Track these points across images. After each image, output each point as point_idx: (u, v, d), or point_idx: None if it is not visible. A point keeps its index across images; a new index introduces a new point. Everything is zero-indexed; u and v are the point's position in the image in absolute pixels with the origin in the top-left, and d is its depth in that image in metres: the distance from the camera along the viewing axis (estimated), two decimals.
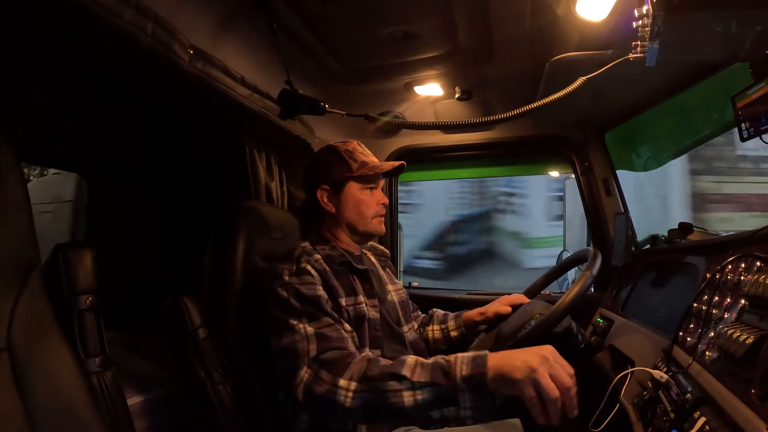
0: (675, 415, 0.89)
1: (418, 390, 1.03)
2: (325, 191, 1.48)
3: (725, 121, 2.02)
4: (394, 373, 1.06)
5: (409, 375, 1.04)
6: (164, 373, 1.76)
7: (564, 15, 1.43)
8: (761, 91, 1.10)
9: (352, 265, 1.42)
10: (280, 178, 2.20)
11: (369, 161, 1.49)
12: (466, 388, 0.99)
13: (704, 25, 1.05)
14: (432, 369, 1.04)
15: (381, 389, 1.05)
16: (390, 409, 1.04)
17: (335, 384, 1.08)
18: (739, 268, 1.03)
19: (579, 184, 2.37)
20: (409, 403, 1.03)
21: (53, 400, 0.92)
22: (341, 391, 1.07)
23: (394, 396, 1.04)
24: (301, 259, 1.32)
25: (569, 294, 1.30)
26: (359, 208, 1.47)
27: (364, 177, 1.47)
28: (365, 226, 1.49)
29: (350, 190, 1.47)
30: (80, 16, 1.05)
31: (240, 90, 1.60)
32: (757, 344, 0.78)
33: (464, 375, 1.00)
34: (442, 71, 1.91)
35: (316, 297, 1.26)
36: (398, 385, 1.04)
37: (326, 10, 1.49)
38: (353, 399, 1.06)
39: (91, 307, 1.23)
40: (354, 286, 1.40)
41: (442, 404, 1.02)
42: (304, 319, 1.22)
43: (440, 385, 1.02)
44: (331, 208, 1.48)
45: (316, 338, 1.18)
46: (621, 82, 1.78)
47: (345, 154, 1.48)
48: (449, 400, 1.01)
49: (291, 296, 1.25)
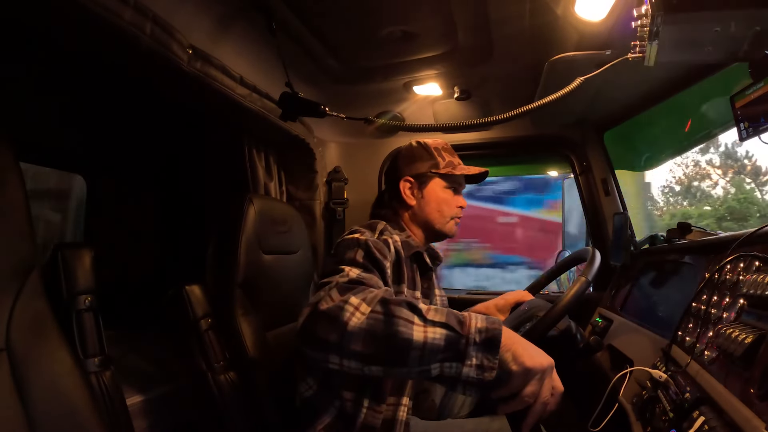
0: (674, 415, 0.90)
1: (429, 328, 0.92)
2: (408, 182, 1.48)
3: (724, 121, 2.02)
4: (410, 303, 0.96)
5: (425, 312, 0.95)
6: (164, 373, 1.76)
7: (563, 15, 1.43)
8: (760, 91, 1.10)
9: (422, 260, 1.41)
10: (279, 177, 2.20)
11: (456, 162, 1.50)
12: (479, 342, 0.92)
13: (703, 25, 1.05)
14: (447, 314, 0.96)
15: (393, 314, 0.93)
16: (394, 338, 0.91)
17: (345, 300, 0.95)
18: (737, 268, 1.03)
19: (578, 184, 2.37)
20: (417, 337, 0.91)
21: (52, 401, 0.92)
22: (349, 307, 0.93)
23: (404, 325, 0.91)
24: (384, 232, 1.30)
25: (564, 299, 1.31)
26: (441, 206, 1.47)
27: (449, 176, 1.47)
28: (443, 225, 1.48)
29: (434, 187, 1.47)
30: (79, 16, 1.05)
31: (239, 90, 1.60)
32: (756, 344, 0.78)
33: (479, 327, 0.93)
34: (441, 71, 1.91)
35: (382, 263, 1.17)
36: (412, 316, 0.93)
37: (325, 9, 1.49)
38: (359, 318, 0.92)
39: (90, 307, 1.23)
40: (415, 280, 1.39)
41: (448, 354, 0.92)
42: (355, 270, 1.10)
43: (453, 331, 0.93)
44: (412, 201, 1.47)
45: (356, 280, 1.06)
46: (620, 81, 1.78)
47: (434, 150, 1.49)
48: (456, 351, 0.92)
49: (360, 250, 1.16)
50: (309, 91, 1.88)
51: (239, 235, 1.50)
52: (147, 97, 1.75)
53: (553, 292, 2.41)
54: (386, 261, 1.19)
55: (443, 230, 1.49)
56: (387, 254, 1.22)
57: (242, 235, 1.51)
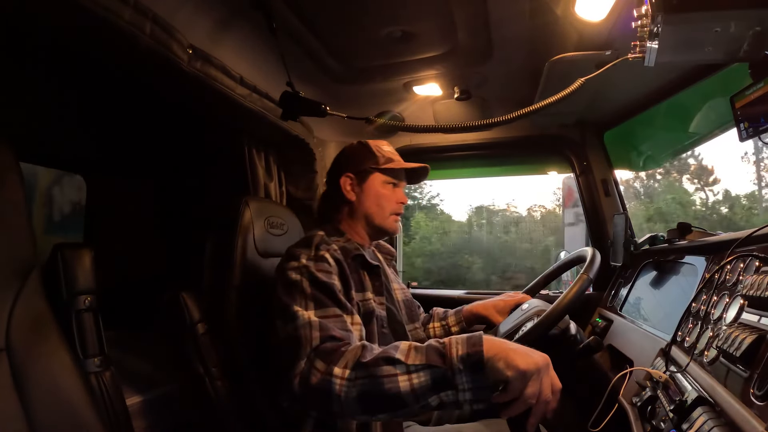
0: (674, 415, 0.89)
1: (413, 373, 0.99)
2: (348, 179, 1.49)
3: (724, 121, 2.02)
4: (388, 357, 1.01)
5: (404, 358, 1.00)
6: (163, 373, 1.76)
7: (563, 15, 1.43)
8: (760, 92, 1.10)
9: (364, 260, 1.41)
10: (278, 177, 2.20)
11: (395, 158, 1.51)
12: (464, 369, 0.96)
13: (703, 26, 1.05)
14: (427, 351, 1.01)
15: (375, 375, 1.00)
16: (385, 396, 0.99)
17: (330, 373, 1.02)
18: (737, 268, 1.03)
19: (578, 184, 2.37)
20: (405, 388, 0.98)
21: (52, 400, 0.92)
22: (336, 380, 1.01)
23: (389, 381, 0.98)
24: (320, 246, 1.30)
25: (566, 297, 1.31)
26: (380, 201, 1.48)
27: (389, 170, 1.48)
28: (382, 220, 1.49)
29: (373, 182, 1.48)
30: (79, 15, 1.05)
31: (239, 90, 1.60)
32: (756, 344, 0.79)
33: (461, 354, 0.97)
34: (441, 71, 1.91)
35: (330, 285, 1.22)
36: (393, 370, 0.99)
37: (325, 9, 1.49)
38: (348, 388, 1.00)
39: (90, 307, 1.23)
40: (363, 282, 1.39)
41: (440, 387, 0.98)
42: (310, 305, 1.17)
43: (437, 367, 0.98)
44: (352, 197, 1.48)
45: (320, 327, 1.12)
46: (620, 82, 1.78)
47: (375, 148, 1.50)
48: (446, 382, 0.97)
49: (304, 279, 1.21)
50: (309, 90, 1.87)
51: (236, 237, 1.50)
52: (147, 97, 1.74)
53: (553, 292, 2.41)
54: (332, 277, 1.24)
55: (383, 226, 1.50)
56: (330, 269, 1.26)
57: (239, 238, 1.50)
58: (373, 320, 1.34)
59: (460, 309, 1.74)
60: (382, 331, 1.36)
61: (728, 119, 1.83)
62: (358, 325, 1.23)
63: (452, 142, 2.58)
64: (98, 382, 1.21)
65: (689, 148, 2.56)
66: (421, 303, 1.91)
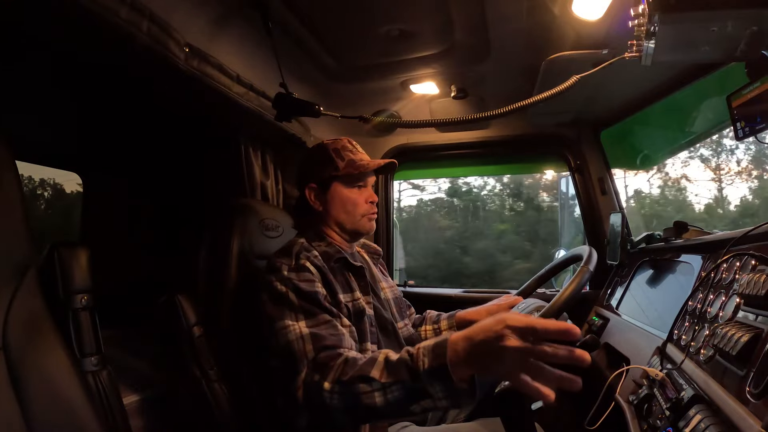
0: (670, 413, 0.90)
1: (387, 389, 1.03)
2: (312, 190, 1.48)
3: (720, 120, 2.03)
4: (362, 376, 1.06)
5: (378, 376, 1.04)
6: (160, 372, 1.75)
7: (560, 14, 1.43)
8: (756, 91, 1.11)
9: (347, 262, 1.42)
10: (275, 176, 2.20)
11: (357, 159, 1.48)
12: (432, 379, 0.97)
13: (700, 25, 1.05)
14: (397, 367, 1.03)
15: (353, 392, 1.06)
16: (364, 409, 1.05)
17: (322, 387, 1.09)
18: (733, 267, 1.03)
19: (575, 183, 2.37)
20: (381, 403, 1.03)
21: (49, 400, 0.92)
22: (326, 393, 1.08)
23: (367, 397, 1.04)
24: (300, 255, 1.32)
25: (567, 289, 1.30)
26: (346, 206, 1.47)
27: (349, 176, 1.46)
28: (353, 224, 1.48)
29: (336, 189, 1.47)
30: (75, 13, 1.04)
31: (235, 88, 1.59)
32: (752, 342, 0.79)
33: (426, 369, 0.98)
34: (438, 70, 1.91)
35: (314, 293, 1.25)
36: (368, 387, 1.05)
37: (322, 7, 1.49)
38: (335, 401, 1.08)
39: (87, 306, 1.22)
40: (350, 283, 1.40)
41: (416, 399, 1.00)
42: (300, 316, 1.21)
43: (406, 383, 1.00)
44: (318, 207, 1.48)
45: (312, 338, 1.18)
46: (617, 81, 1.79)
47: (333, 152, 1.48)
48: (420, 394, 0.99)
49: (290, 291, 1.24)
50: (305, 89, 1.87)
51: (231, 240, 1.50)
52: (143, 95, 1.74)
53: (551, 291, 2.41)
54: (315, 285, 1.27)
55: (356, 228, 1.50)
56: (312, 277, 1.28)
57: (234, 240, 1.50)
58: (364, 319, 1.36)
59: (453, 313, 1.74)
60: (371, 330, 1.38)
61: (725, 118, 1.84)
62: (348, 327, 1.27)
63: (449, 141, 2.58)
64: (95, 381, 1.20)
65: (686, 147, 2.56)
66: (418, 302, 1.91)
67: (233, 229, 1.52)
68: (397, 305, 1.63)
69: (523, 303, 1.51)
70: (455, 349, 0.95)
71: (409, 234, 9.48)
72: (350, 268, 1.43)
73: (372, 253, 1.74)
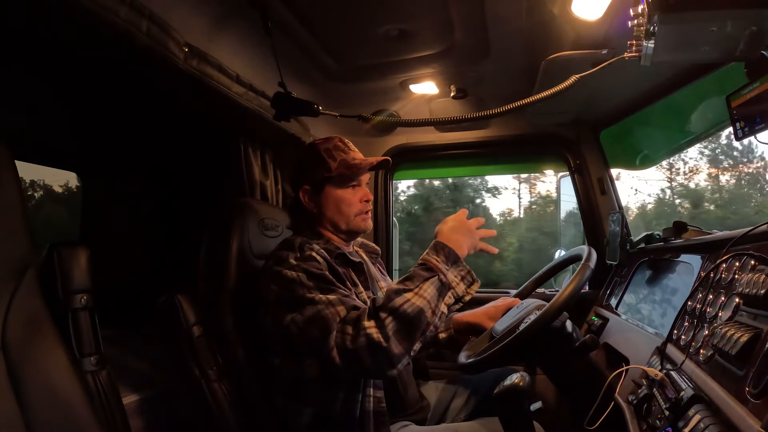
0: (669, 413, 0.90)
1: (419, 290, 1.21)
2: (306, 192, 1.49)
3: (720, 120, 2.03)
4: (395, 290, 1.21)
5: (404, 286, 1.21)
6: (160, 372, 1.75)
7: (560, 14, 1.43)
8: (756, 91, 1.10)
9: (347, 258, 1.43)
10: (274, 176, 2.20)
11: (350, 158, 1.48)
12: (450, 267, 1.29)
13: (699, 25, 1.05)
14: (417, 274, 1.25)
15: (395, 307, 1.17)
16: (411, 318, 1.17)
17: (362, 329, 1.16)
18: (733, 267, 1.03)
19: (574, 183, 2.37)
20: (421, 303, 1.18)
21: (48, 400, 0.92)
22: (371, 331, 1.15)
23: (409, 306, 1.17)
24: (305, 247, 1.33)
25: (568, 287, 1.30)
26: (340, 207, 1.47)
27: (342, 176, 1.46)
28: (348, 224, 1.49)
29: (330, 190, 1.47)
30: (75, 13, 1.04)
31: (235, 88, 1.59)
32: (751, 342, 0.79)
33: (441, 259, 1.28)
34: (438, 69, 1.91)
35: (325, 276, 1.28)
36: (403, 297, 1.19)
37: (321, 7, 1.49)
38: (382, 330, 1.15)
39: (86, 306, 1.22)
40: (351, 278, 1.42)
41: (442, 292, 1.25)
42: (318, 292, 1.25)
43: (432, 278, 1.24)
44: (312, 208, 1.49)
45: (341, 302, 1.23)
46: (616, 81, 1.79)
47: (324, 153, 1.47)
48: (444, 285, 1.25)
49: (301, 274, 1.26)
50: (305, 89, 1.87)
51: (230, 239, 1.50)
52: (143, 95, 1.74)
53: (550, 291, 2.41)
54: (324, 271, 1.30)
55: (351, 228, 1.50)
56: (319, 265, 1.31)
57: (233, 240, 1.50)
58: None
59: (450, 316, 1.72)
60: None
61: (724, 118, 1.84)
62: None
63: (448, 141, 2.58)
64: (95, 381, 1.20)
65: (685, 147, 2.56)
66: None
67: (233, 228, 1.52)
68: None
69: (523, 303, 1.51)
70: (445, 241, 1.32)
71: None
72: (350, 263, 1.44)
73: (370, 253, 1.74)
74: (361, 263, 1.47)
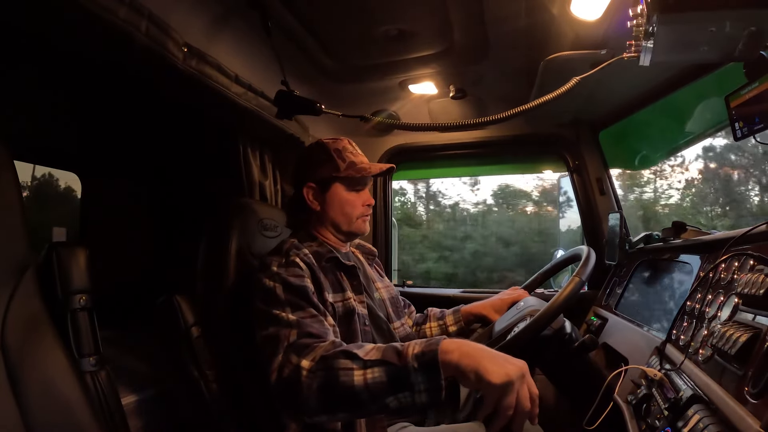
0: (669, 413, 0.90)
1: (368, 369, 1.00)
2: (311, 189, 1.48)
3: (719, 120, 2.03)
4: (347, 352, 1.04)
5: (363, 355, 1.02)
6: (159, 373, 1.76)
7: (559, 14, 1.43)
8: (755, 91, 1.10)
9: (339, 262, 1.43)
10: (273, 176, 2.20)
11: (358, 162, 1.48)
12: (418, 367, 0.97)
13: (698, 25, 1.05)
14: (385, 349, 1.03)
15: (332, 367, 1.02)
16: (341, 389, 1.00)
17: (299, 365, 1.06)
18: (732, 267, 1.03)
19: (573, 183, 2.37)
20: (359, 382, 0.99)
21: (47, 400, 0.92)
22: (302, 371, 1.05)
23: (345, 374, 1.00)
24: (291, 252, 1.32)
25: (558, 299, 1.32)
26: (344, 208, 1.47)
27: (351, 179, 1.46)
28: (349, 226, 1.49)
29: (336, 190, 1.47)
30: (74, 13, 1.04)
31: (234, 88, 1.59)
32: (750, 342, 0.79)
33: (416, 352, 0.99)
34: (437, 70, 1.91)
35: (302, 287, 1.25)
36: (350, 364, 1.02)
37: (321, 8, 1.49)
38: (309, 379, 1.03)
39: (85, 307, 1.22)
40: (341, 283, 1.40)
41: (395, 387, 0.98)
42: (287, 308, 1.21)
43: (391, 364, 0.99)
44: (316, 206, 1.48)
45: (298, 325, 1.16)
46: (615, 81, 1.79)
47: (334, 153, 1.47)
48: (401, 382, 0.98)
49: (278, 285, 1.24)
50: (304, 89, 1.87)
51: (229, 240, 1.49)
52: (142, 95, 1.74)
53: (549, 291, 2.41)
54: (304, 280, 1.27)
55: (351, 230, 1.50)
56: (301, 273, 1.28)
57: (232, 240, 1.49)
58: (355, 318, 1.36)
59: (458, 308, 1.74)
60: (363, 329, 1.38)
61: (723, 118, 1.84)
62: (332, 326, 1.25)
63: (447, 141, 2.58)
64: (93, 381, 1.20)
65: (684, 147, 2.57)
66: (416, 302, 1.91)
67: (231, 229, 1.51)
68: (393, 305, 1.63)
69: (522, 302, 1.52)
70: (462, 351, 0.98)
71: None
72: (342, 267, 1.44)
73: (367, 254, 1.74)
74: (353, 267, 1.46)
